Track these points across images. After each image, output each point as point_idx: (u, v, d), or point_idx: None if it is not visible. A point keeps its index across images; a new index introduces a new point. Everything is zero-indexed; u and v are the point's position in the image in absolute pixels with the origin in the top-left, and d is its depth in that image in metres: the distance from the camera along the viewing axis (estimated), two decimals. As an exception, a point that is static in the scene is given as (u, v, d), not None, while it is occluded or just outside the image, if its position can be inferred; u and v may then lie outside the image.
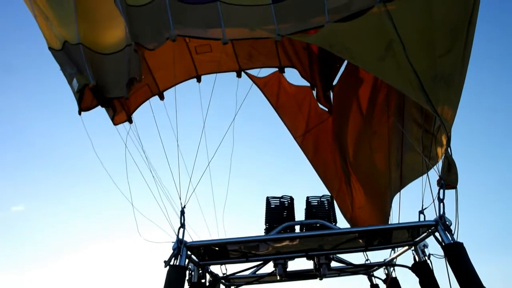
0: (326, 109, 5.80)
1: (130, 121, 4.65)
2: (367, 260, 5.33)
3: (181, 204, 3.80)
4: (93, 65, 3.77)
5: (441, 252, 3.57)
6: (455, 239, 3.38)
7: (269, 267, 5.11)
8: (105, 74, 3.91)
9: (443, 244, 3.43)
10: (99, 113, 4.25)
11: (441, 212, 3.53)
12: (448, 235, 3.42)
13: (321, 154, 5.84)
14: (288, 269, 4.70)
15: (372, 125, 5.26)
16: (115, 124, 4.55)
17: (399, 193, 4.97)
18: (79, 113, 4.07)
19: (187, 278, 4.19)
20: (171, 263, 3.54)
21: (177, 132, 4.32)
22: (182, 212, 3.75)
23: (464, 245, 3.34)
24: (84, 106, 4.06)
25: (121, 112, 4.60)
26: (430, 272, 3.95)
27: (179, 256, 3.57)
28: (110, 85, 3.92)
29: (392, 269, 5.35)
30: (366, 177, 5.50)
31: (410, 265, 4.30)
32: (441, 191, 3.57)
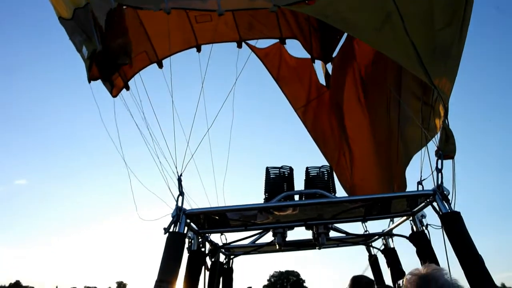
0: (324, 83, 5.78)
1: (127, 88, 4.64)
2: (366, 231, 5.39)
3: (177, 172, 3.81)
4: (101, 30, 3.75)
5: (438, 223, 3.62)
6: (452, 209, 3.42)
7: (268, 237, 5.18)
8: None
9: (440, 213, 3.46)
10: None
11: (439, 182, 3.55)
12: (446, 204, 3.45)
13: (320, 126, 5.86)
14: (287, 239, 4.73)
15: (371, 98, 5.26)
16: (114, 96, 4.55)
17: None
18: (89, 82, 4.08)
19: (186, 246, 4.25)
20: (171, 230, 3.59)
21: (172, 97, 4.31)
22: (179, 180, 3.77)
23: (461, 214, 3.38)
24: (93, 74, 4.07)
25: (120, 84, 4.60)
26: (427, 241, 4.00)
27: (178, 223, 3.62)
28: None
29: (390, 239, 5.42)
30: (365, 149, 5.52)
31: (407, 235, 4.35)
32: (439, 161, 3.59)
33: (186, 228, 3.73)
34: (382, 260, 5.78)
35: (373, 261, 6.03)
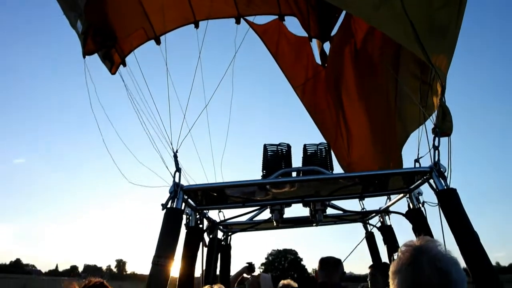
0: (320, 62, 5.75)
1: (124, 64, 4.62)
2: (362, 208, 5.43)
3: (172, 149, 3.81)
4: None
5: (435, 201, 3.65)
6: (449, 185, 3.44)
7: (265, 215, 5.22)
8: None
9: (437, 190, 3.48)
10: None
11: (436, 159, 3.57)
12: (442, 181, 3.47)
13: (318, 105, 5.84)
14: (284, 216, 4.77)
15: (368, 78, 5.25)
16: (113, 73, 4.53)
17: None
18: (84, 56, 4.07)
19: (184, 222, 4.28)
20: (168, 206, 3.61)
21: (167, 68, 4.29)
22: (175, 156, 3.78)
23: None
24: (88, 49, 4.05)
25: (117, 60, 4.58)
26: (423, 218, 4.03)
27: (176, 199, 3.64)
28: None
29: (387, 216, 5.46)
30: (362, 128, 5.52)
31: (404, 212, 4.38)
32: (436, 138, 3.61)
33: (183, 204, 3.76)
34: (378, 238, 5.84)
35: (370, 238, 6.09)
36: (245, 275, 6.16)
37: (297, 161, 4.24)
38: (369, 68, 5.17)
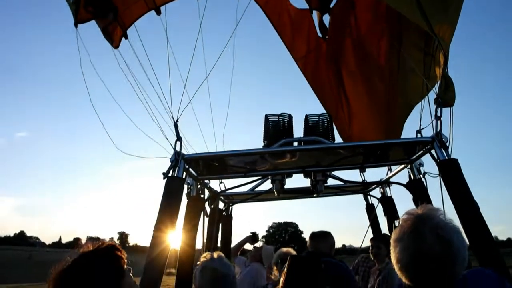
0: (321, 35, 5.67)
1: (126, 36, 4.56)
2: (363, 180, 5.44)
3: (172, 118, 3.79)
4: None
5: (436, 172, 3.65)
6: (450, 156, 3.44)
7: (267, 185, 5.23)
8: None
9: (438, 160, 3.47)
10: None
11: (438, 129, 3.55)
12: (444, 151, 3.46)
13: (319, 78, 5.78)
14: (285, 187, 4.77)
15: (369, 51, 5.18)
16: (115, 47, 4.47)
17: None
18: (75, 26, 4.01)
19: (186, 192, 4.29)
20: (169, 175, 3.62)
21: (167, 36, 4.23)
22: (176, 126, 3.76)
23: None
24: (80, 18, 3.99)
25: (118, 33, 4.51)
26: (424, 189, 4.03)
27: (177, 168, 3.64)
28: None
29: (387, 188, 5.47)
30: (363, 102, 5.48)
31: (405, 183, 4.38)
32: (438, 109, 3.59)
33: (184, 173, 3.76)
34: (379, 210, 5.87)
35: (370, 210, 6.11)
36: (248, 245, 6.21)
37: (298, 131, 4.22)
38: (369, 41, 5.11)
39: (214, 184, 5.08)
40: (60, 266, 1.90)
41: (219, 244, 5.74)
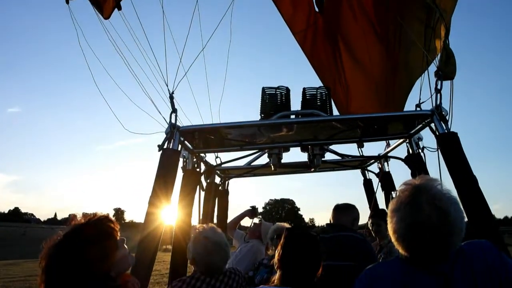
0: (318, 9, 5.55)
1: (119, 8, 4.44)
2: (361, 155, 5.41)
3: (168, 90, 3.72)
4: None
5: (435, 147, 3.62)
6: (449, 129, 3.39)
7: (263, 160, 5.19)
8: None
9: (438, 133, 3.43)
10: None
11: (438, 103, 3.51)
12: (443, 124, 3.42)
13: (317, 53, 5.68)
14: (282, 162, 4.74)
15: (368, 26, 5.08)
16: (106, 18, 4.35)
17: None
18: (67, 2, 3.93)
19: (181, 165, 4.25)
20: (165, 147, 3.57)
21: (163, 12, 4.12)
22: (171, 98, 3.69)
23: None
24: None
25: (111, 4, 4.39)
26: (423, 163, 4.00)
27: (172, 140, 3.59)
28: None
29: (385, 163, 5.45)
30: (362, 78, 5.40)
31: (403, 158, 4.35)
32: (439, 82, 3.54)
33: (180, 146, 3.71)
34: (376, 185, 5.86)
35: (368, 185, 6.10)
36: (246, 221, 6.19)
37: (296, 105, 4.16)
38: (370, 14, 5.01)
39: (211, 159, 5.04)
40: (52, 240, 1.86)
41: (215, 220, 5.72)
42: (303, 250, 2.46)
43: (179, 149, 3.65)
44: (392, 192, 5.17)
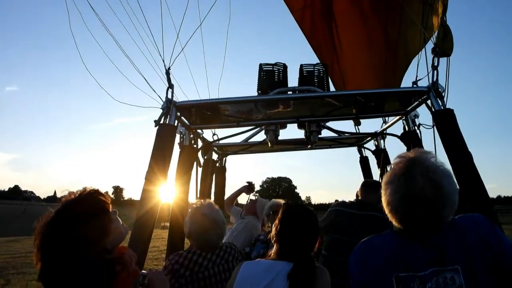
0: None
1: None
2: (358, 131, 5.42)
3: (165, 66, 3.69)
4: None
5: (431, 124, 3.63)
6: (445, 105, 3.40)
7: (260, 138, 5.19)
8: None
9: (434, 110, 3.44)
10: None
11: (434, 79, 3.51)
12: (439, 101, 3.43)
13: (315, 30, 5.64)
14: (279, 139, 4.74)
15: (365, 5, 5.03)
16: None
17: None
18: None
19: (178, 141, 4.25)
20: (161, 122, 3.56)
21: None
22: (168, 73, 3.67)
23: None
24: None
25: None
26: (418, 140, 4.01)
27: (168, 115, 3.59)
28: None
29: (382, 140, 5.46)
30: (359, 58, 5.37)
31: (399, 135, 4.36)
32: (435, 58, 3.53)
33: (176, 121, 3.71)
34: (373, 163, 5.89)
35: (364, 163, 6.12)
36: (243, 197, 6.21)
37: (293, 82, 4.14)
38: None
39: (208, 136, 5.04)
40: (44, 218, 1.86)
41: (212, 197, 5.75)
42: (301, 224, 2.48)
43: (175, 124, 3.65)
44: (387, 167, 5.19)
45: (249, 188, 6.06)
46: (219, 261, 3.07)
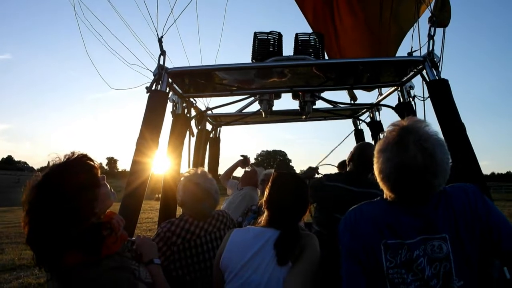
0: None
1: None
2: (353, 103, 5.40)
3: (157, 35, 3.62)
4: None
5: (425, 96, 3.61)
6: (440, 76, 3.38)
7: (255, 108, 5.16)
8: None
9: (428, 80, 3.41)
10: None
11: (430, 49, 3.47)
12: (435, 71, 3.40)
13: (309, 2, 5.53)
14: (273, 109, 4.71)
15: None
16: None
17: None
18: None
19: (171, 110, 4.21)
20: (153, 88, 3.52)
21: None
22: (160, 41, 3.59)
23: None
24: None
25: None
26: (413, 112, 3.99)
27: (160, 82, 3.54)
28: None
29: (377, 112, 5.44)
30: (354, 31, 5.27)
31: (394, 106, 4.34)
32: (432, 28, 3.48)
33: (168, 88, 3.66)
34: (367, 136, 5.87)
35: (359, 136, 6.11)
36: (240, 169, 6.20)
37: (288, 52, 4.08)
38: None
39: (202, 107, 4.99)
40: (31, 182, 1.82)
41: (206, 168, 5.73)
42: (289, 191, 2.46)
43: (167, 91, 3.60)
44: (380, 134, 5.18)
45: (244, 162, 6.04)
46: (211, 229, 3.08)
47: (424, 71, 3.50)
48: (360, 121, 5.98)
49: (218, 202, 3.18)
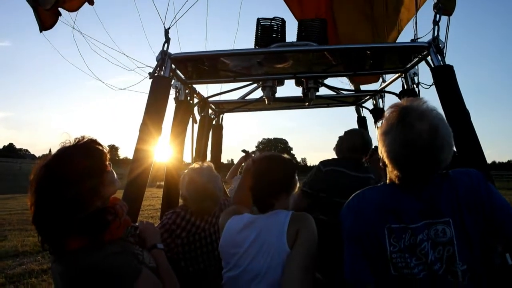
0: None
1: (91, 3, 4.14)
2: (356, 89, 5.38)
3: (164, 26, 3.59)
4: None
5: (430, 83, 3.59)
6: (445, 62, 3.36)
7: (258, 95, 5.14)
8: None
9: (433, 66, 3.39)
10: None
11: (435, 35, 3.45)
12: (439, 57, 3.38)
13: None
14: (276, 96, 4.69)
15: None
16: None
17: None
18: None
19: (174, 96, 4.20)
20: (156, 74, 3.50)
21: None
22: (166, 32, 3.58)
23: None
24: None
25: None
26: None
27: (163, 67, 3.53)
28: None
29: (380, 100, 5.42)
30: (354, 19, 5.22)
31: (398, 93, 4.32)
32: (437, 15, 3.45)
33: (171, 74, 3.65)
34: (370, 124, 5.87)
35: (362, 123, 6.09)
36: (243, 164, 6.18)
37: (291, 38, 4.06)
38: None
39: (204, 93, 4.98)
40: (42, 161, 1.83)
41: (208, 155, 5.73)
42: (266, 170, 2.34)
43: (169, 75, 3.59)
44: (379, 121, 5.15)
45: (246, 157, 6.04)
46: (215, 221, 3.08)
47: (429, 57, 3.48)
48: (363, 108, 5.96)
49: (220, 199, 3.15)
